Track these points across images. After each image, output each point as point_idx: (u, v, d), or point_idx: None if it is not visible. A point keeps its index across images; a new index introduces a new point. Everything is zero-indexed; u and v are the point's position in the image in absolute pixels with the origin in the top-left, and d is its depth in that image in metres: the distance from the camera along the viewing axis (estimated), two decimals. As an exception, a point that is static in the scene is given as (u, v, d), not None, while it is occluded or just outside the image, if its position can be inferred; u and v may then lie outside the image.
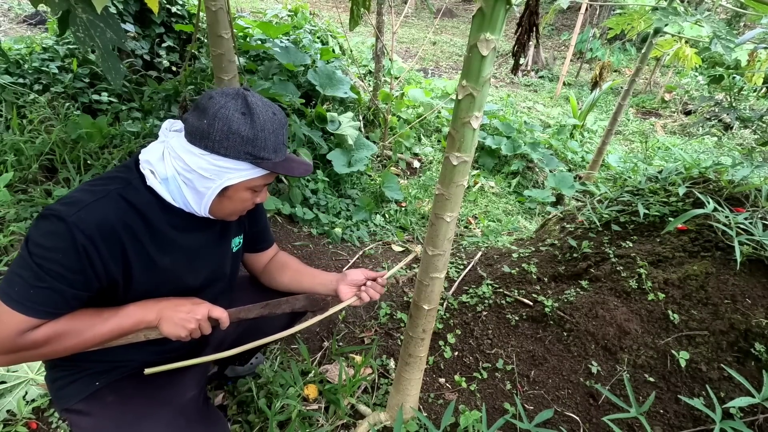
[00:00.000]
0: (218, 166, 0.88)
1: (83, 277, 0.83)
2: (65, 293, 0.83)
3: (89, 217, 0.82)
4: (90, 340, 0.89)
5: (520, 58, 0.86)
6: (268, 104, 0.91)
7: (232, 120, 0.86)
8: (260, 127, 0.88)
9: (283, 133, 0.93)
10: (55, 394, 0.99)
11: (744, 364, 1.33)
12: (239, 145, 0.87)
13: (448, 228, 1.02)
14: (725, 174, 1.82)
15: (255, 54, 3.32)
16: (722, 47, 1.74)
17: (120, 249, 0.87)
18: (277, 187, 2.79)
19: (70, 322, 0.87)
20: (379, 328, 1.91)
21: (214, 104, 0.86)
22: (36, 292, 0.81)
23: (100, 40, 1.32)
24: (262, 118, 0.88)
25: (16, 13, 4.92)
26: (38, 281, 0.80)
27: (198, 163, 0.87)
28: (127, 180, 0.90)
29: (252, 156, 0.89)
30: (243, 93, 0.89)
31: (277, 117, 0.92)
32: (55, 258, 0.80)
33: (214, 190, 0.90)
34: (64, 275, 0.81)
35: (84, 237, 0.81)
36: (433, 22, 12.49)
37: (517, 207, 3.82)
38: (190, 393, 1.05)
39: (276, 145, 0.92)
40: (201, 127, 0.86)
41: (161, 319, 0.94)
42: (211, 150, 0.87)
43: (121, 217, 0.86)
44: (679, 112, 7.27)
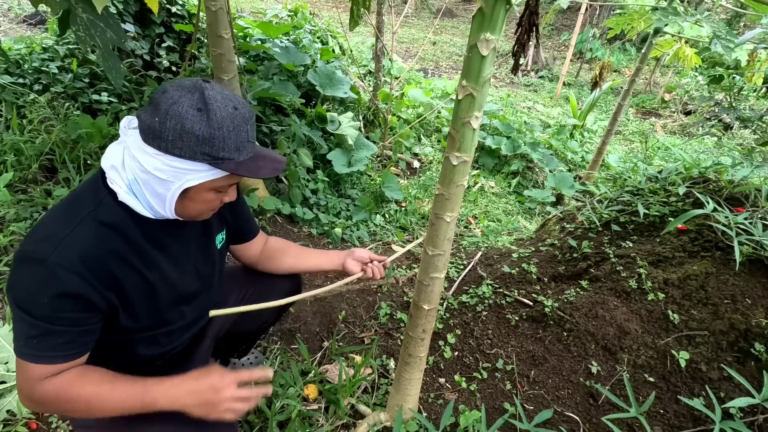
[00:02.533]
0: (174, 168, 0.80)
1: (83, 314, 0.81)
2: (69, 333, 0.81)
3: (69, 253, 0.77)
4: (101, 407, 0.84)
5: (520, 58, 0.86)
6: (228, 98, 0.82)
7: (185, 117, 0.77)
8: (217, 124, 0.79)
9: (246, 130, 0.84)
10: None
11: (744, 364, 1.33)
12: (194, 145, 0.79)
13: (448, 228, 1.02)
14: (725, 174, 1.82)
15: (255, 54, 3.31)
16: (722, 47, 1.74)
17: (110, 275, 0.83)
18: (277, 187, 2.79)
19: (83, 385, 0.83)
20: (379, 328, 1.91)
21: (167, 99, 0.78)
22: (39, 341, 0.79)
23: (100, 40, 1.32)
24: (220, 115, 0.80)
25: (16, 13, 4.92)
26: (38, 330, 0.78)
27: (153, 164, 0.80)
28: (97, 200, 0.84)
29: (210, 157, 0.81)
30: (201, 86, 0.80)
31: (239, 112, 0.83)
32: (47, 304, 0.77)
33: (174, 193, 0.83)
34: (62, 318, 0.79)
35: (70, 274, 0.77)
36: (433, 22, 12.49)
37: (517, 207, 3.82)
38: None
39: (238, 144, 0.83)
40: (153, 125, 0.79)
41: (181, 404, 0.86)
42: (165, 150, 0.79)
43: (101, 243, 0.82)
44: (679, 112, 7.27)
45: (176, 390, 0.86)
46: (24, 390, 0.83)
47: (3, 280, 1.81)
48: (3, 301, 1.76)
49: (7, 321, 1.64)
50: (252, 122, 0.86)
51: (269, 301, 1.35)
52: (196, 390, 0.86)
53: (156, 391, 0.85)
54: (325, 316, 1.97)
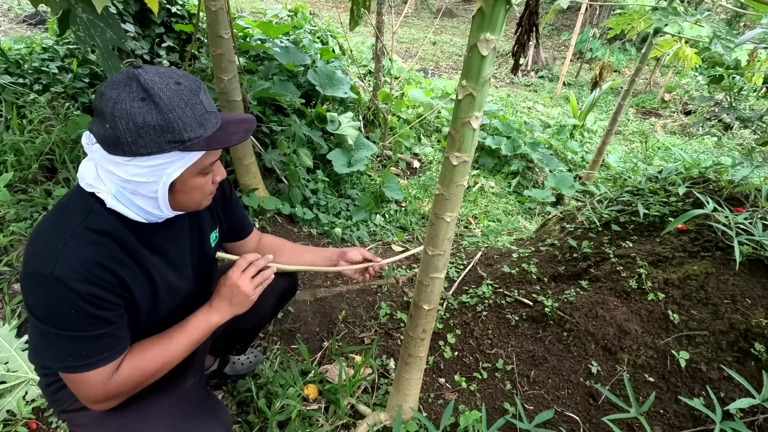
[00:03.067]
0: (150, 167, 0.78)
1: (109, 312, 0.82)
2: (107, 332, 0.82)
3: (70, 263, 0.76)
4: (169, 361, 0.92)
5: (520, 58, 0.86)
6: (167, 75, 0.77)
7: (133, 113, 0.73)
8: (167, 107, 0.74)
9: (200, 101, 0.79)
10: (51, 397, 0.99)
11: (744, 364, 1.33)
12: (156, 137, 0.75)
13: (448, 228, 1.02)
14: (725, 174, 1.82)
15: (255, 54, 3.31)
16: (722, 47, 1.74)
17: (116, 276, 0.83)
18: (277, 187, 2.79)
19: (142, 354, 0.89)
20: (379, 328, 1.91)
21: (107, 102, 0.74)
22: (86, 350, 0.81)
23: (100, 40, 1.32)
24: (166, 96, 0.75)
25: (16, 13, 4.92)
26: (76, 342, 0.80)
27: (129, 172, 0.77)
28: (86, 209, 0.82)
29: (176, 143, 0.77)
30: (134, 74, 0.75)
31: (183, 85, 0.77)
32: (72, 315, 0.78)
33: (163, 191, 0.81)
34: (88, 322, 0.80)
35: (79, 282, 0.77)
36: (433, 22, 12.49)
37: (517, 207, 3.82)
38: (190, 380, 1.06)
39: (198, 118, 0.78)
40: (107, 134, 0.74)
41: (225, 312, 0.98)
42: (132, 154, 0.75)
43: (99, 249, 0.81)
44: (679, 112, 7.27)
45: (213, 308, 0.97)
46: (96, 396, 0.85)
47: (3, 280, 1.81)
48: (3, 300, 1.76)
49: (7, 321, 1.64)
50: (203, 90, 0.81)
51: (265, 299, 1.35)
52: (223, 296, 0.98)
53: (200, 320, 0.96)
54: (325, 316, 1.97)
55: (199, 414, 0.98)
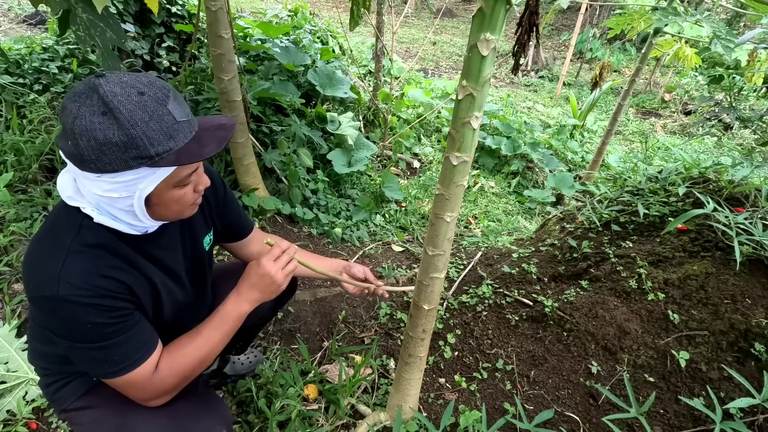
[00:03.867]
0: (120, 183, 0.73)
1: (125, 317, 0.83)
2: (133, 333, 0.83)
3: (72, 281, 0.75)
4: (207, 354, 0.93)
5: (520, 58, 0.86)
6: (130, 84, 0.71)
7: (93, 130, 0.68)
8: (129, 122, 0.69)
9: (167, 110, 0.72)
10: (51, 397, 0.99)
11: (744, 364, 1.33)
12: (120, 154, 0.70)
13: (448, 228, 1.02)
14: (725, 174, 1.82)
15: (255, 54, 3.31)
16: (722, 47, 1.74)
17: (121, 284, 0.82)
18: (277, 187, 2.79)
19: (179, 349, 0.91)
20: (379, 328, 1.91)
21: (68, 117, 0.69)
22: (119, 355, 0.82)
23: (100, 40, 1.32)
24: (127, 109, 0.69)
25: (16, 13, 4.92)
26: (107, 350, 0.80)
27: (101, 187, 0.74)
28: (76, 225, 0.79)
29: (143, 158, 0.71)
30: (94, 85, 0.69)
31: (147, 95, 0.71)
32: (91, 328, 0.78)
33: (138, 205, 0.77)
34: (114, 330, 0.80)
35: (87, 297, 0.76)
36: (433, 22, 12.49)
37: (517, 207, 3.82)
38: None
39: (166, 130, 0.72)
40: (71, 150, 0.70)
41: (254, 299, 0.97)
42: (99, 170, 0.71)
43: (98, 262, 0.79)
44: (679, 112, 7.28)
45: (243, 296, 0.97)
46: (146, 394, 0.87)
47: (3, 280, 1.81)
48: (3, 301, 1.76)
49: (8, 321, 1.65)
50: (173, 98, 0.74)
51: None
52: (254, 284, 0.97)
53: (231, 309, 0.96)
54: (325, 316, 1.97)
55: (198, 410, 0.98)
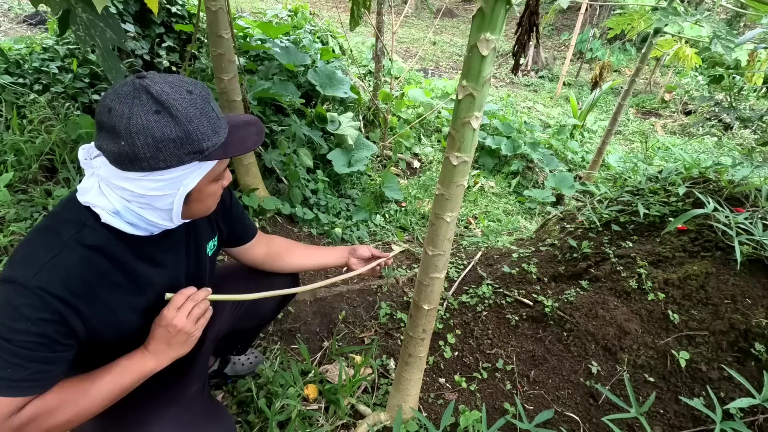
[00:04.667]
0: (168, 180, 0.76)
1: (63, 340, 0.76)
2: (47, 359, 0.74)
3: (52, 278, 0.72)
4: (87, 409, 0.80)
5: (520, 58, 0.86)
6: (177, 84, 0.75)
7: (151, 127, 0.70)
8: (185, 118, 0.73)
9: (211, 108, 0.77)
10: None
11: (744, 364, 1.33)
12: (176, 150, 0.73)
13: (448, 228, 1.02)
14: (725, 174, 1.82)
15: (255, 54, 3.31)
16: (722, 47, 1.74)
17: (98, 299, 0.79)
18: (277, 187, 2.79)
19: (58, 395, 0.78)
20: (379, 328, 1.91)
21: (120, 118, 0.70)
22: (13, 369, 0.72)
23: (100, 40, 1.32)
24: (182, 106, 0.73)
25: (16, 13, 4.92)
26: (13, 357, 0.71)
27: (145, 186, 0.75)
28: (79, 221, 0.78)
29: (196, 153, 0.76)
30: (142, 85, 0.72)
31: (195, 94, 0.75)
32: (25, 329, 0.71)
33: (178, 202, 0.80)
34: (40, 343, 0.73)
35: (52, 299, 0.72)
36: (433, 22, 12.49)
37: (517, 207, 3.82)
38: (193, 387, 1.05)
39: (213, 126, 0.77)
40: (122, 150, 0.71)
41: (163, 356, 0.87)
42: (150, 169, 0.73)
43: (89, 267, 0.77)
44: (679, 112, 7.28)
45: (150, 352, 0.86)
46: None
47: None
48: None
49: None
50: (212, 97, 0.80)
51: (266, 301, 1.36)
52: (160, 338, 0.87)
53: (134, 364, 0.85)
54: (325, 316, 1.97)
55: (203, 421, 0.97)
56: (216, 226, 1.10)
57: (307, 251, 1.33)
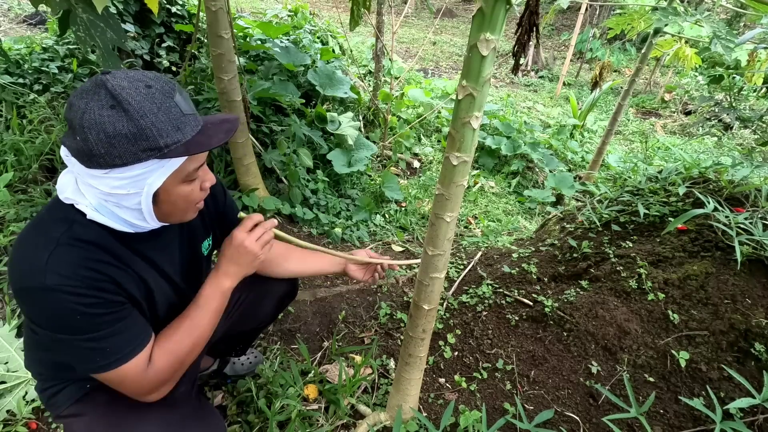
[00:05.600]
0: (129, 178, 0.74)
1: (116, 307, 0.81)
2: (123, 325, 0.81)
3: (60, 272, 0.73)
4: (199, 336, 0.92)
5: (520, 58, 0.86)
6: (136, 79, 0.73)
7: (103, 123, 0.69)
8: (138, 113, 0.70)
9: (174, 103, 0.75)
10: (46, 402, 0.98)
11: (744, 364, 1.33)
12: (129, 146, 0.71)
13: (448, 228, 1.02)
14: (725, 174, 1.82)
15: (255, 54, 3.32)
16: (722, 47, 1.74)
17: (111, 280, 0.80)
18: (277, 187, 2.79)
19: (169, 336, 0.89)
20: (379, 328, 1.91)
21: (76, 113, 0.70)
22: (111, 346, 0.79)
23: (100, 40, 1.32)
24: (136, 101, 0.70)
25: (16, 13, 4.92)
26: (98, 342, 0.78)
27: (108, 184, 0.74)
28: (68, 220, 0.78)
29: (153, 150, 0.72)
30: (102, 81, 0.71)
31: (154, 88, 0.73)
32: (80, 319, 0.75)
33: (146, 202, 0.78)
34: (103, 321, 0.78)
35: (75, 287, 0.74)
36: (433, 22, 12.49)
37: (517, 207, 3.82)
38: (181, 388, 1.04)
39: (174, 122, 0.74)
40: (80, 146, 0.71)
41: (233, 275, 0.96)
42: (108, 166, 0.72)
43: (88, 256, 0.77)
44: (679, 112, 7.28)
45: (221, 272, 0.96)
46: (141, 388, 0.85)
47: (3, 280, 1.81)
48: (3, 300, 1.76)
49: (7, 321, 1.65)
50: (178, 92, 0.77)
51: (265, 304, 1.35)
52: (230, 258, 0.96)
53: (213, 288, 0.95)
54: (325, 316, 1.97)
55: (190, 422, 0.96)
56: (210, 226, 1.09)
57: (303, 257, 1.32)
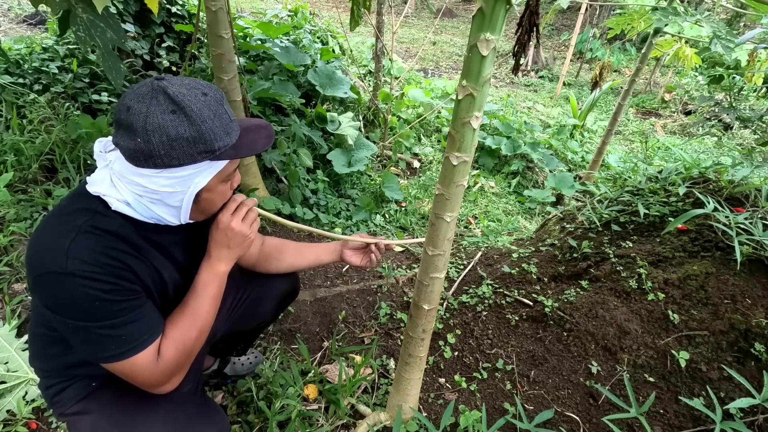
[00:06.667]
0: (179, 177, 0.80)
1: (133, 296, 0.83)
2: (139, 314, 0.83)
3: (82, 257, 0.76)
4: (202, 324, 0.92)
5: (521, 58, 0.86)
6: (193, 86, 0.79)
7: (166, 126, 0.75)
8: (199, 118, 0.77)
9: (224, 110, 0.82)
10: (50, 400, 0.98)
11: (744, 364, 1.33)
12: (188, 148, 0.77)
13: (448, 228, 1.02)
14: (725, 174, 1.82)
15: (255, 54, 3.32)
16: (722, 47, 1.74)
17: (128, 269, 0.83)
18: (277, 187, 2.79)
19: (175, 327, 0.89)
20: (379, 328, 1.91)
21: (137, 116, 0.74)
22: (126, 335, 0.81)
23: (100, 40, 1.32)
24: (197, 108, 0.77)
25: (16, 13, 4.92)
26: (114, 329, 0.79)
27: (158, 183, 0.79)
28: (91, 209, 0.81)
29: (207, 153, 0.79)
30: (160, 86, 0.76)
31: (209, 96, 0.80)
32: (99, 306, 0.77)
33: (188, 200, 0.83)
34: (120, 309, 0.80)
35: (96, 273, 0.77)
36: (433, 22, 12.49)
37: (517, 207, 3.82)
38: (186, 386, 1.04)
39: (225, 128, 0.81)
40: (138, 147, 0.75)
41: (227, 259, 0.96)
42: (163, 166, 0.77)
43: (107, 244, 0.80)
44: (679, 112, 7.28)
45: (214, 257, 0.95)
46: (153, 379, 0.85)
47: (3, 280, 1.81)
48: (3, 301, 1.76)
49: (7, 321, 1.65)
50: (225, 99, 0.84)
51: (266, 303, 1.35)
52: (219, 242, 0.95)
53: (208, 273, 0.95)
54: (325, 316, 1.97)
55: (195, 420, 0.97)
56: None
57: (298, 250, 1.33)
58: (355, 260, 1.31)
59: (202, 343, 0.94)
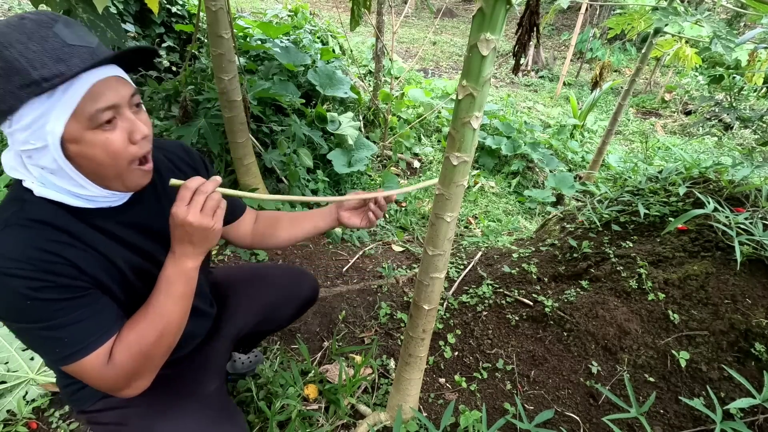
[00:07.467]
0: (27, 127, 0.67)
1: (72, 295, 0.74)
2: (83, 314, 0.75)
3: (7, 252, 0.68)
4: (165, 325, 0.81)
5: (521, 58, 0.86)
6: (15, 16, 0.67)
7: None
8: (3, 43, 0.64)
9: (54, 33, 0.66)
10: (69, 397, 0.95)
11: (744, 364, 1.33)
12: (4, 84, 0.65)
13: (448, 228, 1.02)
14: (725, 174, 1.82)
15: (255, 54, 3.32)
16: (722, 47, 1.74)
17: (62, 259, 0.73)
18: (277, 187, 2.79)
19: (131, 328, 0.80)
20: (379, 328, 1.91)
21: None
22: (69, 337, 0.74)
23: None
24: (3, 32, 0.64)
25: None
26: (55, 331, 0.72)
27: (17, 140, 0.69)
28: (18, 198, 0.73)
29: (30, 85, 0.65)
30: None
31: (28, 20, 0.66)
32: (28, 306, 0.70)
33: (59, 156, 0.69)
34: (57, 308, 0.72)
35: (23, 269, 0.69)
36: (433, 22, 12.49)
37: (517, 207, 3.82)
38: (213, 385, 1.04)
39: (52, 52, 0.65)
40: None
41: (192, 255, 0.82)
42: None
43: (40, 235, 0.72)
44: (679, 112, 7.28)
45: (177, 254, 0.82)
46: (108, 382, 0.78)
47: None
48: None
49: (7, 321, 1.65)
50: (63, 23, 0.68)
51: (287, 308, 1.36)
52: (180, 238, 0.81)
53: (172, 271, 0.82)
54: (325, 316, 1.97)
55: (222, 421, 0.96)
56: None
57: (294, 221, 1.22)
58: (353, 221, 1.16)
59: (166, 347, 0.83)
